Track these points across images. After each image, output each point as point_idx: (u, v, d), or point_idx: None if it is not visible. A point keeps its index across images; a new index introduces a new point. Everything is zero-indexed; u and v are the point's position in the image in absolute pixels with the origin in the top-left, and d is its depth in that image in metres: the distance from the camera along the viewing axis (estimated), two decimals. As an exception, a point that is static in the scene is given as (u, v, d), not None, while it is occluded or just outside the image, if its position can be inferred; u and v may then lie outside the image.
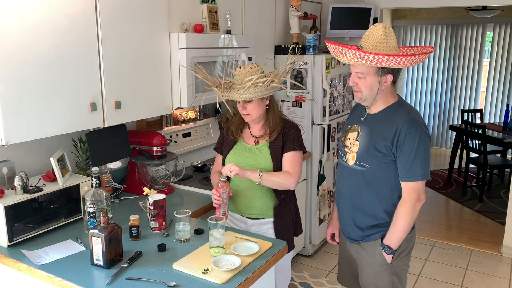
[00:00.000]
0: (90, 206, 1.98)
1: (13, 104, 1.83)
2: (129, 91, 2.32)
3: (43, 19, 1.89)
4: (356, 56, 1.84)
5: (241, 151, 2.26)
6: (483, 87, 7.31)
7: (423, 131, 1.90)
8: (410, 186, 1.92)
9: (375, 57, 1.81)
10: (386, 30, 1.87)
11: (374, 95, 1.94)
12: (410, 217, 1.94)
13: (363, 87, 1.93)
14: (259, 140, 2.26)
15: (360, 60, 1.84)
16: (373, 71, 1.89)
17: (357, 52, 1.83)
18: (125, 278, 1.67)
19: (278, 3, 3.71)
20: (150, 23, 2.40)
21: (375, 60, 1.82)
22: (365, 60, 1.83)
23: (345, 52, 1.87)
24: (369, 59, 1.82)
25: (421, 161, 1.89)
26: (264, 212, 2.25)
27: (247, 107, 2.15)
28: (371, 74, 1.90)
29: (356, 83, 1.95)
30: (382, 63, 1.82)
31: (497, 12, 6.07)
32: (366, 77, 1.91)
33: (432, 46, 1.97)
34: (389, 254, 2.00)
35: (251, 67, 2.14)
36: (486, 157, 5.16)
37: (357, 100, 2.01)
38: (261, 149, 2.23)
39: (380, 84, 1.92)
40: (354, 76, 1.95)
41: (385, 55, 1.80)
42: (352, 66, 1.95)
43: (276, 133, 2.21)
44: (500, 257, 3.94)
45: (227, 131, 2.34)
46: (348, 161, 2.05)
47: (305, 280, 3.49)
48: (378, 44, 1.86)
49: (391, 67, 1.85)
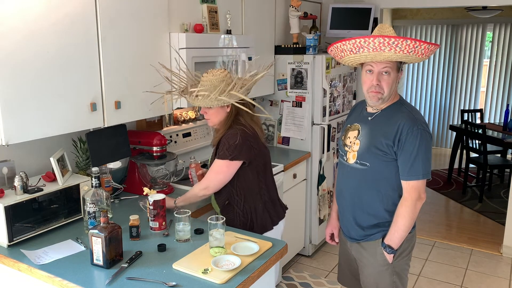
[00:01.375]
0: (90, 206, 1.98)
1: (13, 104, 1.83)
2: (129, 91, 2.32)
3: (43, 19, 1.89)
4: (397, 44, 1.76)
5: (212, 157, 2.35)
6: (483, 87, 7.31)
7: (424, 130, 1.90)
8: (411, 185, 1.92)
9: (421, 43, 1.75)
10: (391, 28, 1.88)
11: (391, 93, 1.93)
12: (411, 216, 1.94)
13: (385, 85, 1.89)
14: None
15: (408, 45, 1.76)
16: (396, 66, 1.88)
17: (399, 40, 1.76)
18: (125, 278, 1.67)
19: (278, 3, 3.71)
20: (150, 23, 2.40)
21: (422, 46, 1.76)
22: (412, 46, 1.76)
23: (393, 42, 1.77)
24: (416, 45, 1.76)
25: (422, 160, 1.89)
26: None
27: (208, 113, 2.23)
28: (395, 70, 1.89)
29: (378, 82, 1.89)
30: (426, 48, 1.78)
31: (497, 12, 6.07)
32: (390, 73, 1.88)
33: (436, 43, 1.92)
34: (390, 254, 2.00)
35: (220, 72, 2.17)
36: (486, 157, 5.16)
37: (375, 101, 1.94)
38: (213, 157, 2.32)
39: (397, 81, 1.92)
40: (378, 74, 1.89)
41: (423, 42, 1.76)
42: (376, 64, 1.88)
43: (216, 141, 2.27)
44: (500, 257, 3.94)
45: None
46: (349, 160, 2.04)
47: (305, 280, 3.49)
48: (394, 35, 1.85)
49: (428, 54, 1.82)
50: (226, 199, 2.27)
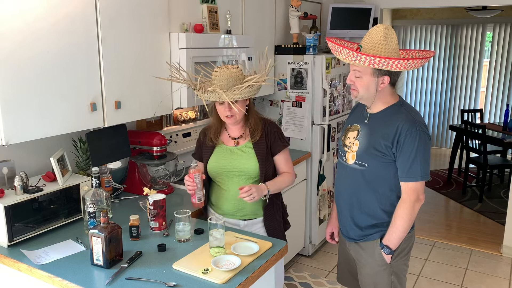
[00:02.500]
0: (90, 206, 1.98)
1: (13, 104, 1.83)
2: (129, 91, 2.32)
3: (44, 20, 1.89)
4: (350, 55, 1.86)
5: (223, 153, 2.23)
6: (483, 87, 7.31)
7: (423, 132, 1.90)
8: (410, 186, 1.92)
9: (367, 58, 1.81)
10: (387, 32, 1.87)
11: (371, 95, 1.95)
12: (409, 217, 1.94)
13: (359, 86, 1.94)
14: (239, 141, 2.24)
15: (354, 59, 1.85)
16: (369, 71, 1.89)
17: (351, 52, 1.84)
18: (125, 278, 1.67)
19: (278, 3, 3.71)
20: (150, 23, 2.40)
21: (367, 61, 1.82)
22: (358, 60, 1.84)
23: (340, 50, 1.89)
24: (361, 59, 1.83)
25: (421, 161, 1.89)
26: (255, 212, 2.25)
27: (232, 109, 2.08)
28: (368, 74, 1.90)
29: (353, 82, 1.96)
30: (374, 64, 1.83)
31: (497, 12, 6.07)
32: (362, 77, 1.92)
33: (433, 51, 1.98)
34: (388, 254, 2.00)
35: (234, 68, 2.10)
36: (486, 157, 5.16)
37: (353, 98, 2.02)
38: (243, 149, 2.22)
39: (377, 85, 1.92)
40: (351, 74, 1.96)
41: (377, 57, 1.80)
42: (351, 65, 1.95)
43: (259, 132, 2.20)
44: (500, 257, 3.94)
45: (204, 137, 2.30)
46: (348, 160, 2.05)
47: (305, 280, 3.49)
48: (376, 45, 1.86)
49: (383, 69, 1.85)
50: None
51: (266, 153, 2.21)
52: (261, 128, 2.21)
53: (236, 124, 2.21)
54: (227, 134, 2.26)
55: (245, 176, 2.20)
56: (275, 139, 2.23)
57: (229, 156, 2.22)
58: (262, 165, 2.19)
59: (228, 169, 2.20)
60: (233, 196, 2.20)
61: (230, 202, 2.23)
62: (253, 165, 2.18)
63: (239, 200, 2.17)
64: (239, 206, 2.23)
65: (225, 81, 2.05)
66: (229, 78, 2.05)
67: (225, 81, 2.05)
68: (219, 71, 2.07)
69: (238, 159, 2.20)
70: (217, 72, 2.08)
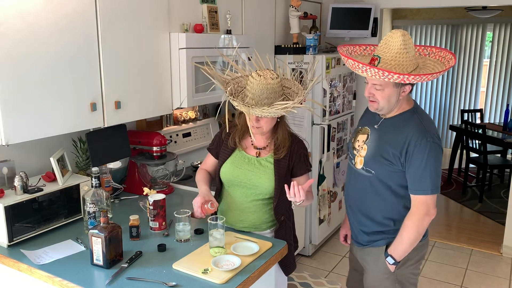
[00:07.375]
0: (90, 206, 1.98)
1: (13, 104, 1.83)
2: (129, 91, 2.32)
3: (43, 19, 1.89)
4: (378, 74, 1.74)
5: (241, 162, 2.07)
6: (483, 87, 7.31)
7: (434, 143, 1.82)
8: (419, 200, 1.85)
9: (400, 76, 1.71)
10: (405, 38, 1.76)
11: (392, 105, 1.87)
12: (416, 231, 1.87)
13: (380, 98, 1.85)
14: (261, 152, 2.07)
15: (383, 78, 1.75)
16: (391, 83, 1.80)
17: (380, 71, 1.73)
18: (125, 278, 1.67)
19: (278, 3, 3.71)
20: (150, 23, 2.40)
21: (400, 78, 1.73)
22: (389, 78, 1.74)
23: (366, 69, 1.76)
24: (393, 78, 1.73)
25: (430, 174, 1.81)
26: (256, 225, 2.10)
27: (261, 121, 1.93)
28: (390, 86, 1.81)
29: (372, 94, 1.86)
30: (406, 81, 1.75)
31: (497, 12, 6.07)
32: (384, 89, 1.83)
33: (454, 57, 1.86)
34: (391, 264, 1.95)
35: (272, 78, 1.88)
36: (486, 157, 5.16)
37: (372, 110, 1.93)
38: (262, 162, 2.04)
39: (398, 95, 1.85)
40: (370, 87, 1.86)
41: (411, 75, 1.71)
42: (369, 78, 1.85)
43: (285, 150, 2.02)
44: (500, 257, 3.94)
45: (226, 136, 2.13)
46: (356, 165, 2.01)
47: (305, 280, 3.49)
48: (397, 56, 1.76)
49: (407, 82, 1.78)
50: (283, 213, 2.10)
51: (285, 173, 2.03)
52: (288, 146, 2.03)
53: (262, 134, 2.05)
54: (251, 141, 2.10)
55: (256, 191, 2.04)
56: (300, 161, 2.05)
57: (246, 166, 2.06)
58: (278, 184, 2.00)
59: (240, 179, 2.05)
60: (237, 206, 2.09)
61: (232, 212, 2.11)
62: (268, 183, 2.01)
63: (241, 211, 2.09)
64: (240, 217, 2.10)
65: (258, 92, 1.87)
66: (263, 90, 1.86)
67: (259, 91, 1.86)
68: (256, 79, 1.87)
69: (254, 171, 2.04)
70: (254, 80, 1.88)
